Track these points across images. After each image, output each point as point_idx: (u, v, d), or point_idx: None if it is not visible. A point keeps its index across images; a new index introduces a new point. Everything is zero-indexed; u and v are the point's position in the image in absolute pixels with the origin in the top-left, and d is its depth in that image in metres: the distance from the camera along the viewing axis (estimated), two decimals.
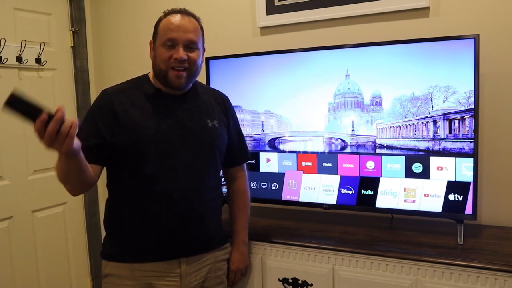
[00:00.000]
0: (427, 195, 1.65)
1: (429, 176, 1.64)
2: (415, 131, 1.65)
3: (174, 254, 1.42)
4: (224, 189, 1.93)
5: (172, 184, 1.39)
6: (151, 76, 1.46)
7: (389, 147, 1.70)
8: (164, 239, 1.40)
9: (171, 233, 1.40)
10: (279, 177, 1.90)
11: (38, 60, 2.32)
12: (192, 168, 1.42)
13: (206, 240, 1.50)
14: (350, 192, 1.78)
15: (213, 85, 2.00)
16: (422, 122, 1.63)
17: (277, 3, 2.09)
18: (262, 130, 1.92)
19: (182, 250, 1.43)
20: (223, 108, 1.57)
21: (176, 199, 1.39)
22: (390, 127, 1.69)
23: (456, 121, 1.58)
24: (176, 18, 1.38)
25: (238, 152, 1.64)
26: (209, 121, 1.48)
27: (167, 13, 1.42)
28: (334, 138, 1.80)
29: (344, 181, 1.78)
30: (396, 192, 1.70)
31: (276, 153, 1.91)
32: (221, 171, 1.62)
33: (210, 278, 1.52)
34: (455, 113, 1.58)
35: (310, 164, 1.84)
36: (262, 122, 1.92)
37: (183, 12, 1.41)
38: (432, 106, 1.61)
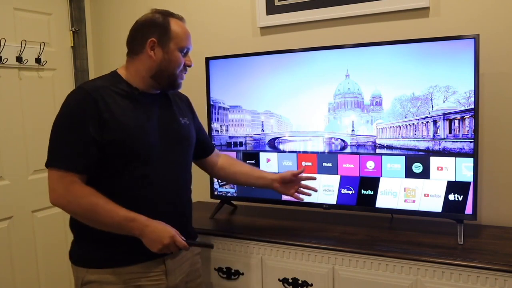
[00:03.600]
0: (427, 195, 1.65)
1: (429, 176, 1.64)
2: (415, 131, 1.65)
3: (159, 254, 1.37)
4: (226, 189, 1.96)
5: (159, 184, 1.38)
6: (123, 74, 1.42)
7: (389, 147, 1.70)
8: None
9: None
10: None
11: (38, 60, 2.32)
12: (176, 166, 1.44)
13: (186, 236, 1.47)
14: (350, 192, 1.77)
15: (213, 85, 2.00)
16: (422, 122, 1.63)
17: (277, 3, 2.09)
18: (262, 130, 1.92)
19: None
20: (188, 105, 1.62)
21: (163, 198, 1.39)
22: (390, 127, 1.69)
23: (456, 121, 1.58)
24: (186, 27, 1.42)
25: (208, 141, 1.72)
26: (181, 118, 1.51)
27: (167, 15, 1.40)
28: (334, 138, 1.80)
29: (344, 181, 1.78)
30: (396, 192, 1.69)
31: (276, 153, 1.91)
32: (201, 166, 1.71)
33: (191, 272, 1.53)
34: (455, 113, 1.58)
35: (310, 164, 1.84)
36: (262, 122, 1.92)
37: (185, 20, 1.44)
38: (432, 106, 1.61)
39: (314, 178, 1.68)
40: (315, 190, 1.70)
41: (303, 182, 1.67)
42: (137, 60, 1.39)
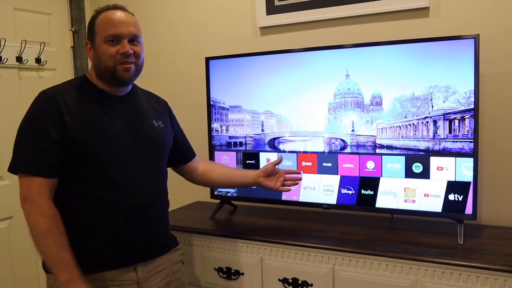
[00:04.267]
0: (427, 195, 1.65)
1: (429, 176, 1.64)
2: (415, 131, 1.65)
3: (131, 261, 1.36)
4: (226, 190, 1.95)
5: (129, 189, 1.34)
6: (90, 77, 1.39)
7: (389, 147, 1.70)
8: (121, 246, 1.33)
9: (129, 239, 1.34)
10: None
11: (38, 60, 2.32)
12: (147, 172, 1.39)
13: (161, 244, 1.46)
14: (350, 192, 1.77)
15: (213, 85, 2.00)
16: (422, 122, 1.63)
17: (277, 3, 2.09)
18: (262, 130, 1.92)
19: (138, 256, 1.37)
20: (165, 109, 1.56)
21: (134, 204, 1.35)
22: (390, 127, 1.69)
23: (456, 121, 1.58)
24: (115, 14, 1.32)
25: (189, 147, 1.66)
26: (154, 121, 1.45)
27: (100, 11, 1.34)
28: (334, 138, 1.80)
29: (344, 181, 1.78)
30: (396, 192, 1.69)
31: (276, 153, 1.91)
32: (181, 173, 1.67)
33: (171, 281, 1.47)
34: (455, 113, 1.58)
35: (310, 164, 1.84)
36: (262, 122, 1.92)
37: (120, 8, 1.35)
38: (432, 106, 1.61)
39: (298, 172, 1.69)
40: (300, 179, 1.69)
41: (287, 175, 1.66)
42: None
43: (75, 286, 1.22)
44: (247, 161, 1.96)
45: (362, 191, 1.75)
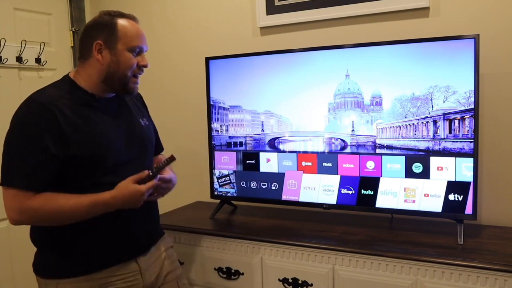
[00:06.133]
0: (427, 195, 1.65)
1: (429, 176, 1.64)
2: (415, 131, 1.65)
3: (132, 255, 1.39)
4: (226, 189, 1.95)
5: None
6: (78, 80, 1.34)
7: (389, 147, 1.70)
8: (124, 242, 1.36)
9: (131, 235, 1.37)
10: (279, 177, 1.90)
11: (38, 60, 2.32)
12: (142, 170, 1.38)
13: (155, 235, 1.50)
14: (350, 192, 1.77)
15: (213, 85, 2.00)
16: (422, 122, 1.63)
17: (277, 3, 2.09)
18: (262, 130, 1.92)
19: (138, 249, 1.40)
20: (143, 104, 1.57)
21: None
22: (390, 127, 1.69)
23: (456, 121, 1.58)
24: (138, 26, 1.35)
25: (159, 141, 1.63)
26: (141, 120, 1.47)
27: (115, 15, 1.33)
28: (334, 138, 1.80)
29: (344, 181, 1.78)
30: (396, 192, 1.69)
31: (276, 153, 1.91)
32: None
33: (168, 264, 1.50)
34: (455, 113, 1.58)
35: (310, 164, 1.84)
36: (262, 122, 1.92)
37: (136, 19, 1.37)
38: (432, 106, 1.61)
39: None
40: None
41: None
42: (87, 64, 1.33)
43: (120, 206, 1.28)
44: (247, 161, 1.96)
45: (362, 191, 1.75)
